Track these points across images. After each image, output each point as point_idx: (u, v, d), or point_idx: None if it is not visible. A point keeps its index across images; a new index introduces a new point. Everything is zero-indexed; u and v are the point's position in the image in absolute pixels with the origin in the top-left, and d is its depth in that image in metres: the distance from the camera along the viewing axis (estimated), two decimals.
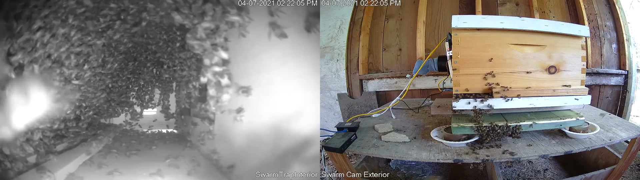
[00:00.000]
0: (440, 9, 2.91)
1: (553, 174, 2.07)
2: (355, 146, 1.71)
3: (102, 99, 3.52)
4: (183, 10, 1.84)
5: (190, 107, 3.87)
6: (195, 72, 3.13)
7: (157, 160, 2.90)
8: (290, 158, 1.98)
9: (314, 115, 1.91)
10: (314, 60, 1.94)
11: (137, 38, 3.18)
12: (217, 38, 1.83)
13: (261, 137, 2.23)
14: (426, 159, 1.52)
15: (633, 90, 2.58)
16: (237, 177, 2.47)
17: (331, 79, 3.21)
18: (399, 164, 2.29)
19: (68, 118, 2.82)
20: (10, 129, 2.08)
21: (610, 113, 1.94)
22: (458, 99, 1.64)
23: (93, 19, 2.24)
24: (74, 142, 3.00)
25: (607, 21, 2.64)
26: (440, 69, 1.96)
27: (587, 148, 1.50)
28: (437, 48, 1.96)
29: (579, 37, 1.67)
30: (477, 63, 1.64)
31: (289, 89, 2.02)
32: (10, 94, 2.00)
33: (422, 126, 1.95)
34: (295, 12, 1.93)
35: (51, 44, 2.03)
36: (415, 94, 2.92)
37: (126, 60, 3.72)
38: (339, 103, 3.18)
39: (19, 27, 1.87)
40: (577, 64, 1.67)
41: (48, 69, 2.19)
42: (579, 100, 1.65)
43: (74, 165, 2.61)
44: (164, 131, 4.45)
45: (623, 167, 1.75)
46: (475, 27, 1.62)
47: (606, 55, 2.63)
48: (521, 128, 1.58)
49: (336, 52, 3.19)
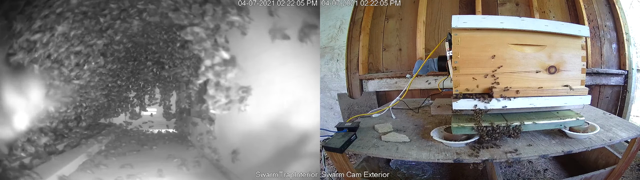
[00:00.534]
0: (440, 9, 2.91)
1: (553, 174, 2.07)
2: (355, 146, 1.71)
3: (102, 99, 3.52)
4: (183, 10, 1.84)
5: (190, 107, 3.87)
6: (195, 72, 3.14)
7: (157, 160, 2.90)
8: (291, 158, 1.98)
9: (314, 115, 1.91)
10: (314, 60, 1.94)
11: (137, 38, 3.18)
12: (217, 38, 1.83)
13: (261, 137, 2.23)
14: (426, 159, 1.52)
15: (633, 90, 2.58)
16: (237, 176, 2.48)
17: (331, 79, 3.21)
18: (399, 164, 2.29)
19: (68, 118, 2.82)
20: (11, 129, 2.08)
21: (610, 113, 1.94)
22: (458, 99, 1.64)
23: (93, 19, 2.24)
24: (74, 142, 3.00)
25: (607, 21, 2.64)
26: (440, 69, 1.96)
27: (587, 148, 1.50)
28: (437, 48, 1.96)
29: (579, 37, 1.67)
30: (477, 63, 1.64)
31: (289, 89, 2.02)
32: (10, 94, 2.00)
33: (422, 126, 1.95)
34: (296, 12, 1.93)
35: (51, 43, 2.03)
36: (415, 94, 2.92)
37: (126, 60, 3.72)
38: (339, 103, 3.18)
39: (19, 27, 1.87)
40: (577, 64, 1.67)
41: (48, 69, 2.19)
42: (579, 100, 1.65)
43: (74, 165, 2.61)
44: (164, 131, 4.46)
45: (623, 167, 1.75)
46: (475, 27, 1.62)
47: (606, 55, 2.63)
48: (521, 128, 1.58)
49: (336, 52, 3.19)
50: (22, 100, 2.12)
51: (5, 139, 2.03)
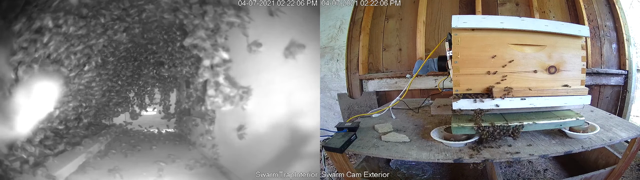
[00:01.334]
0: (440, 9, 2.91)
1: (553, 174, 2.07)
2: (355, 146, 1.71)
3: (102, 99, 3.52)
4: (183, 10, 1.84)
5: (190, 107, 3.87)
6: (195, 72, 3.13)
7: (157, 160, 2.90)
8: (291, 158, 1.98)
9: (314, 115, 1.91)
10: (314, 60, 1.94)
11: (137, 38, 3.18)
12: (217, 38, 1.83)
13: (261, 137, 2.23)
14: (426, 159, 1.52)
15: (633, 90, 2.58)
16: (237, 177, 2.48)
17: (331, 79, 3.21)
18: (399, 164, 2.29)
19: (68, 118, 2.82)
20: (11, 129, 2.08)
21: (610, 113, 1.94)
22: (458, 99, 1.64)
23: (93, 19, 2.24)
24: (74, 142, 3.00)
25: (607, 21, 2.65)
26: (440, 69, 1.96)
27: (587, 148, 1.50)
28: (437, 48, 1.96)
29: (579, 37, 1.67)
30: (477, 63, 1.64)
31: (289, 89, 2.02)
32: (10, 94, 2.00)
33: (422, 126, 1.95)
34: (296, 12, 1.93)
35: (51, 43, 2.03)
36: (415, 94, 2.92)
37: (126, 60, 3.72)
38: (339, 103, 3.18)
39: (19, 27, 1.87)
40: (577, 64, 1.67)
41: (48, 69, 2.19)
42: (579, 100, 1.65)
43: (74, 165, 2.61)
44: (163, 131, 4.46)
45: (623, 167, 1.75)
46: (476, 27, 1.62)
47: (606, 55, 2.63)
48: (521, 128, 1.58)
49: (336, 52, 3.19)
50: (22, 100, 2.12)
51: (5, 139, 2.03)
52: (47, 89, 2.35)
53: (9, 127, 2.06)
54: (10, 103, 2.04)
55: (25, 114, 2.18)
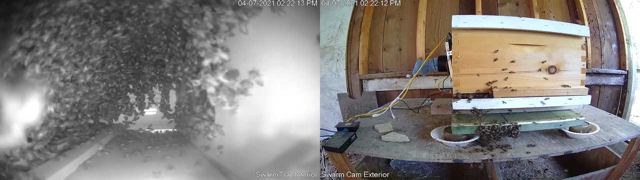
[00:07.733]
0: (440, 9, 2.91)
1: (553, 174, 2.07)
2: (355, 146, 1.71)
3: (102, 99, 3.52)
4: (183, 10, 1.84)
5: (190, 107, 3.87)
6: (195, 72, 3.13)
7: (157, 160, 2.90)
8: (291, 158, 1.98)
9: (314, 115, 1.91)
10: (314, 60, 1.94)
11: (137, 38, 3.18)
12: (217, 38, 1.84)
13: (261, 137, 2.23)
14: (426, 159, 1.52)
15: (633, 90, 2.58)
16: (237, 177, 2.47)
17: (331, 79, 3.21)
18: (399, 164, 2.29)
19: (68, 118, 2.82)
20: (10, 129, 2.08)
21: (610, 113, 1.94)
22: (458, 99, 1.64)
23: (93, 19, 2.24)
24: (74, 142, 3.00)
25: (607, 21, 2.65)
26: (440, 69, 1.96)
27: (587, 148, 1.50)
28: (437, 48, 1.96)
29: (579, 37, 1.67)
30: (477, 63, 1.64)
31: (289, 89, 2.02)
32: (10, 94, 2.00)
33: (422, 126, 1.95)
34: (296, 12, 1.93)
35: (51, 43, 2.03)
36: (415, 94, 2.92)
37: (126, 60, 3.72)
38: (339, 103, 3.18)
39: (19, 26, 1.87)
40: (577, 64, 1.67)
41: (48, 69, 2.19)
42: (579, 100, 1.65)
43: (74, 165, 2.61)
44: (164, 131, 4.45)
45: (623, 167, 1.75)
46: (476, 27, 1.62)
47: (606, 55, 2.63)
48: (521, 128, 1.58)
49: (336, 52, 3.19)
50: (22, 100, 2.12)
51: (5, 139, 2.03)
52: (47, 89, 2.35)
53: (9, 127, 2.06)
54: (11, 103, 2.04)
55: (25, 114, 2.18)
